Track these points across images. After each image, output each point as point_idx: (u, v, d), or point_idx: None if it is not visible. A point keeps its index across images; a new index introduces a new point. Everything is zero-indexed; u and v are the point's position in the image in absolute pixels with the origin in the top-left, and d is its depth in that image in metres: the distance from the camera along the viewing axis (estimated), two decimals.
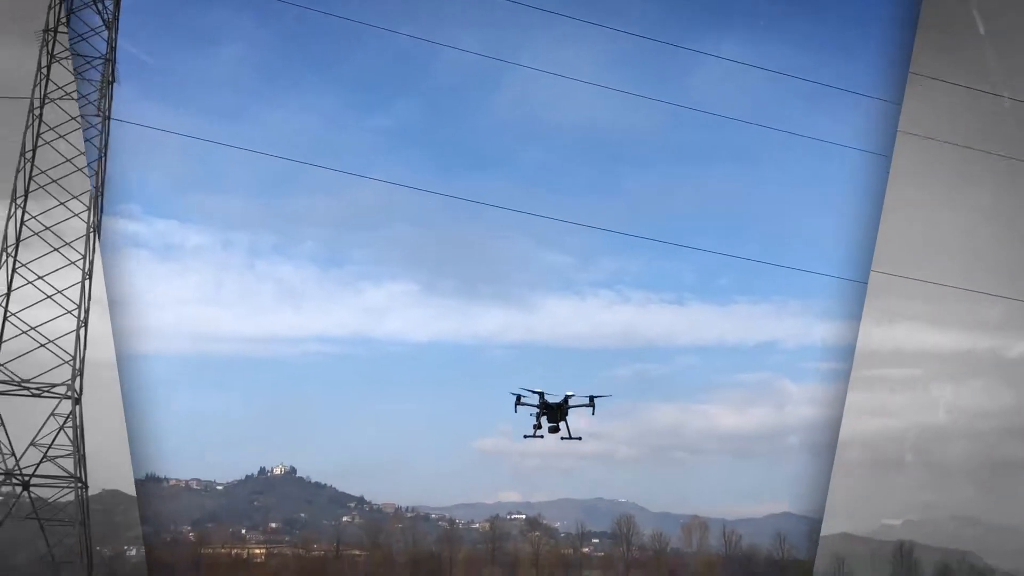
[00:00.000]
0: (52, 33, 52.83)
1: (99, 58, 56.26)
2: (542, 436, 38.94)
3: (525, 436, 39.66)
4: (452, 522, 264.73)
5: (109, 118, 55.93)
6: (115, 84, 56.66)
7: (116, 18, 56.28)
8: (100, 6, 56.12)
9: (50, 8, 52.97)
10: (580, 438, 39.64)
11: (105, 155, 54.75)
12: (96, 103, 55.51)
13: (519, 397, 38.75)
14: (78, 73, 55.20)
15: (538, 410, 39.23)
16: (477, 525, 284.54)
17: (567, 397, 38.87)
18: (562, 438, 39.25)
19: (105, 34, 55.87)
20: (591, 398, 39.36)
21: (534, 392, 38.94)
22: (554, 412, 39.10)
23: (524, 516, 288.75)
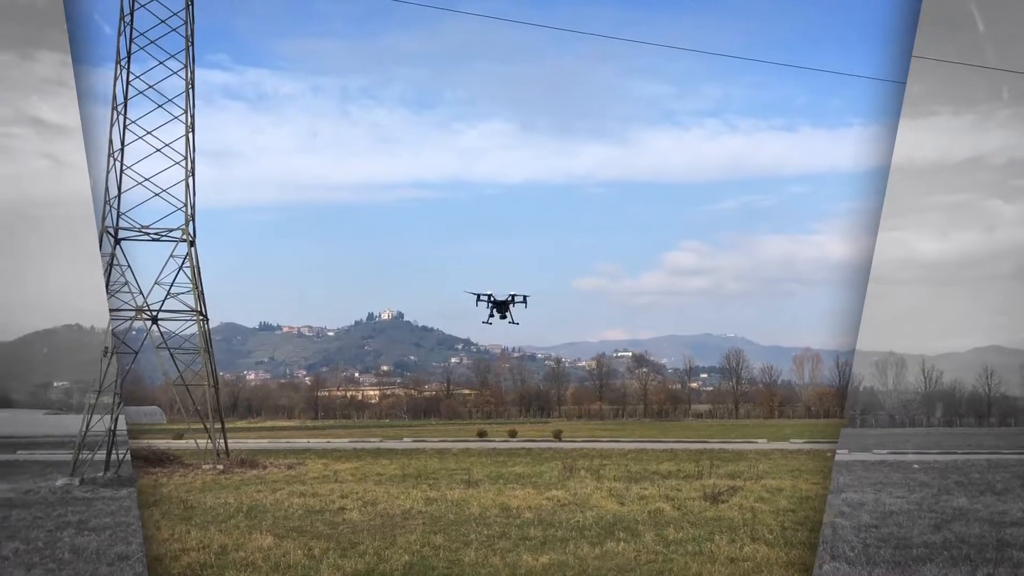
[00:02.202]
0: None
1: None
2: (492, 323, 56.37)
3: (484, 322, 55.86)
4: (558, 361, 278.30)
5: None
6: None
7: None
8: None
9: None
10: (518, 323, 56.41)
11: (191, 3, 59.27)
12: None
13: (478, 297, 55.23)
14: None
15: (490, 305, 55.37)
16: (583, 363, 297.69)
17: (511, 295, 55.40)
18: (509, 323, 55.72)
19: None
20: (524, 297, 55.76)
21: (485, 294, 55.41)
22: (501, 306, 55.35)
23: (630, 353, 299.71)
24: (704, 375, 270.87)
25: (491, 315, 55.86)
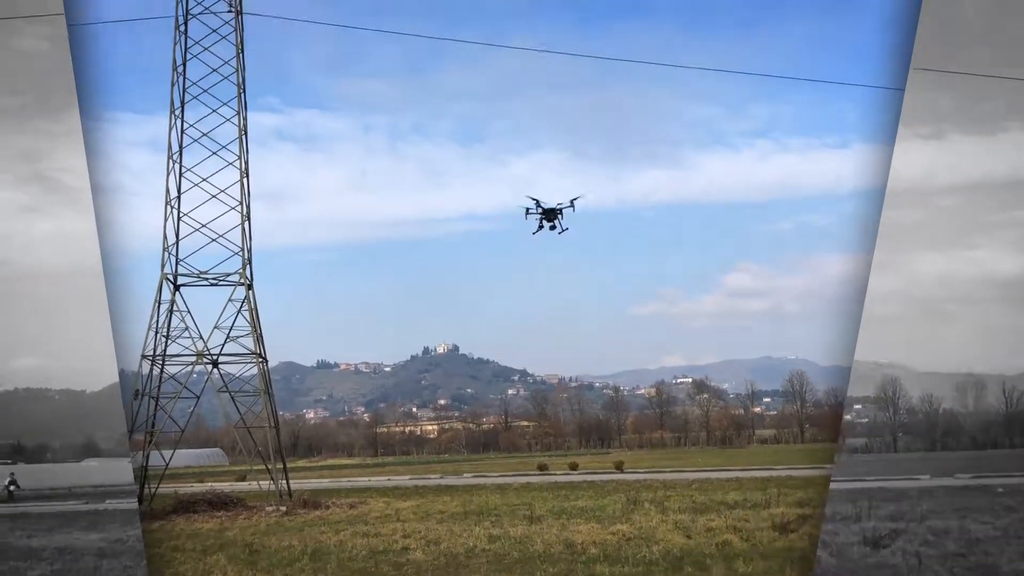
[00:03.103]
0: None
1: None
2: (541, 229, 55.95)
3: (533, 233, 56.30)
4: (617, 389, 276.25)
5: (241, 12, 61.29)
6: None
7: None
8: None
9: None
10: (568, 228, 56.01)
11: (242, 51, 60.72)
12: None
13: (527, 210, 55.35)
14: None
15: (539, 215, 55.43)
16: (643, 391, 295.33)
17: (559, 203, 55.25)
18: (559, 232, 55.73)
19: None
20: (572, 201, 55.23)
21: (534, 199, 55.29)
22: (549, 213, 55.48)
23: (690, 379, 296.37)
24: (767, 399, 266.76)
25: (540, 227, 56.22)
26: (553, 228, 55.94)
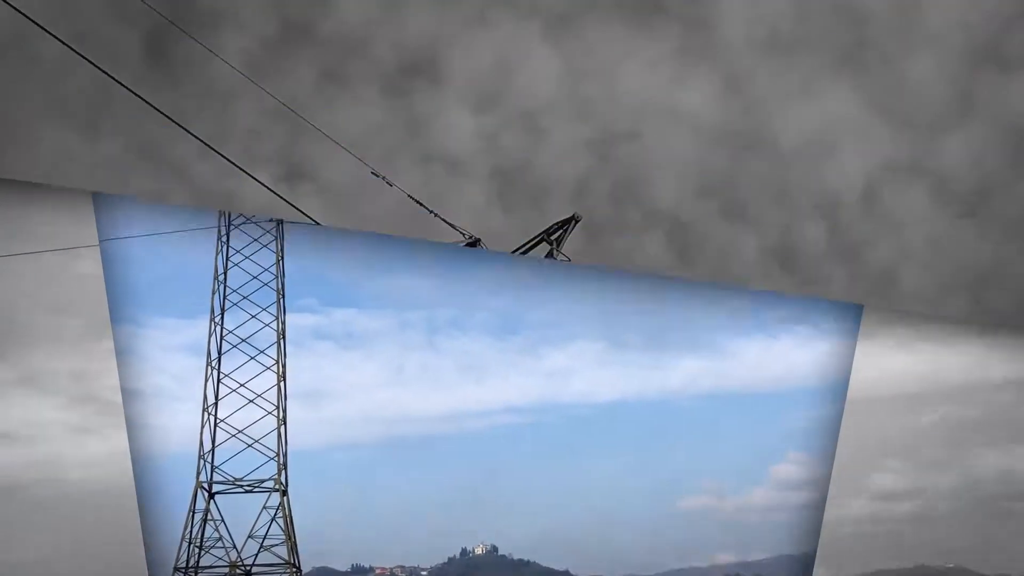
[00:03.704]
0: None
1: None
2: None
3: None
4: None
5: (282, 222, 63.55)
6: None
7: None
8: None
9: None
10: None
11: (282, 259, 62.61)
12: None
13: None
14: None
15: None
16: None
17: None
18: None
19: None
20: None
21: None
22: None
23: None
24: None
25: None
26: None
